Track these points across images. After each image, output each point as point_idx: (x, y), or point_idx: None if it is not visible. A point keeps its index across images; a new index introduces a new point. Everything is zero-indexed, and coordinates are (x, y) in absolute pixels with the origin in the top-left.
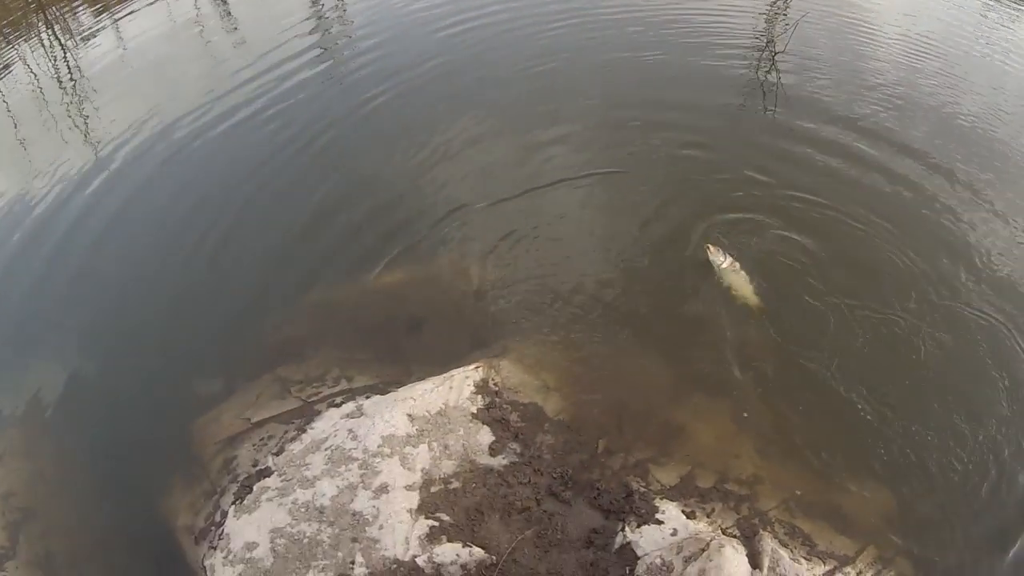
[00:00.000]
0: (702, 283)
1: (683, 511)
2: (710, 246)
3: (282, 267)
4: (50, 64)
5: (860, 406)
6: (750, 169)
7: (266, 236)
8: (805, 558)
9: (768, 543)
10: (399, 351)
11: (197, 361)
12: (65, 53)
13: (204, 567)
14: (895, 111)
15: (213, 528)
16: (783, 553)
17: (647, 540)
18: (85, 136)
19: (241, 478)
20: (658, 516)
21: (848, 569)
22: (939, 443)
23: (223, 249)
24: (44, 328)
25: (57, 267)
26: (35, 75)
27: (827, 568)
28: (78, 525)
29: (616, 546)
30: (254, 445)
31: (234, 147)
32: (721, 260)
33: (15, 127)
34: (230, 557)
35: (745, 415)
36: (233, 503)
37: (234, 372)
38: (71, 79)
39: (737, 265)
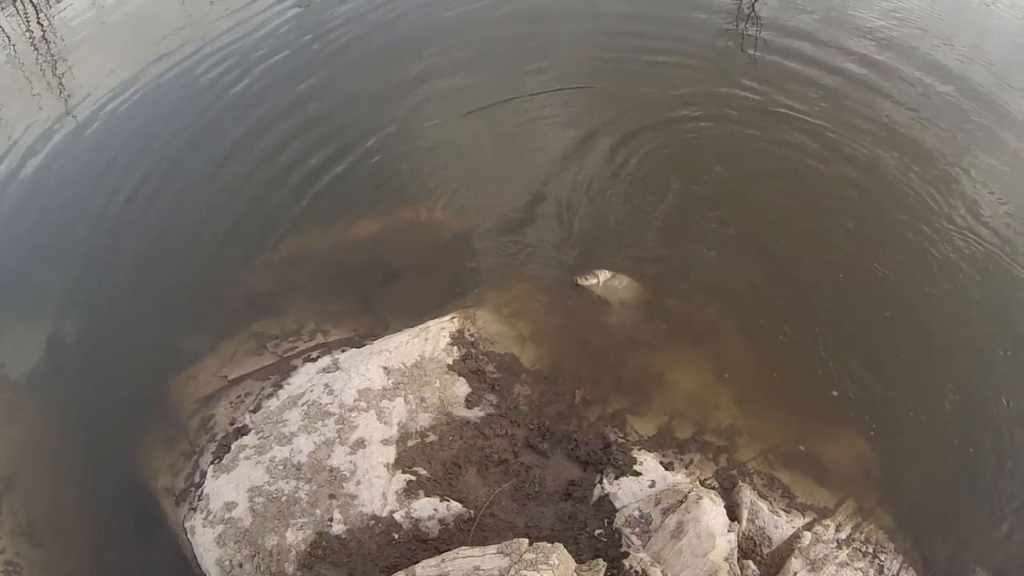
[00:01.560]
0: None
1: (661, 462)
2: (577, 279)
3: (253, 218)
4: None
5: (840, 358)
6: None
7: (235, 186)
8: (784, 510)
9: (747, 495)
10: (374, 302)
11: (172, 319)
12: (37, 12)
13: (185, 529)
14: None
15: (193, 489)
16: (762, 505)
17: (625, 492)
18: (57, 93)
19: (219, 437)
20: (636, 467)
21: (827, 521)
22: (919, 396)
23: (193, 202)
24: (16, 290)
25: (27, 227)
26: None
27: (806, 520)
28: (60, 492)
29: (594, 498)
30: (231, 403)
31: (199, 99)
32: (594, 280)
33: None
34: (210, 518)
35: (726, 376)
36: (212, 463)
37: (210, 329)
38: (44, 37)
39: (606, 275)
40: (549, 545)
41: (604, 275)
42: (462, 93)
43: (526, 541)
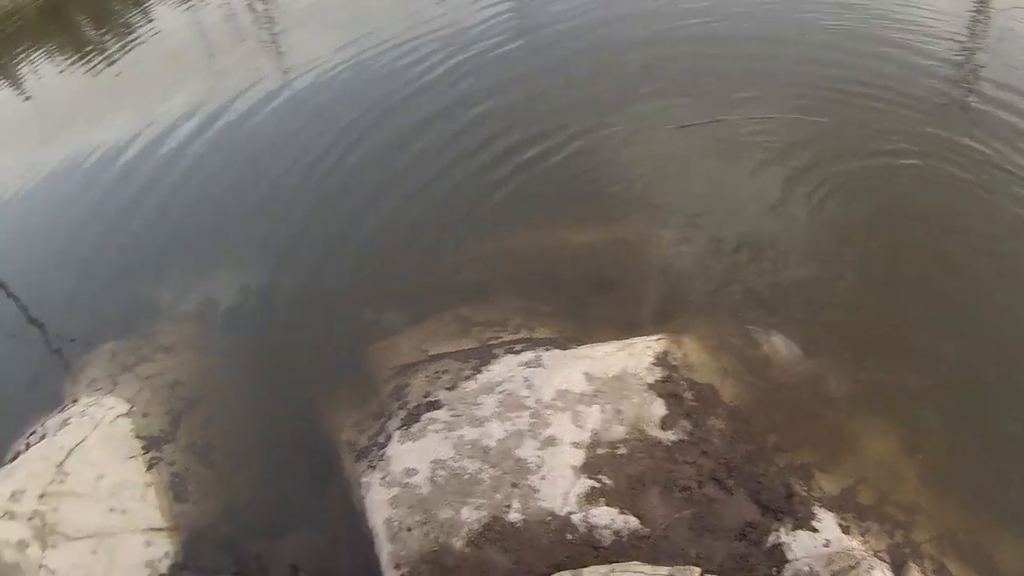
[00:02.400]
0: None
1: (839, 524)
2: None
3: (473, 208)
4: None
5: None
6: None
7: (460, 174)
8: None
9: None
10: (583, 310)
11: (376, 288)
12: None
13: (360, 483)
14: None
15: (375, 449)
16: None
17: (799, 545)
18: (275, 60)
19: (410, 406)
20: (814, 523)
21: None
22: None
23: (404, 180)
24: (227, 235)
25: (250, 181)
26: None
27: None
28: (240, 423)
29: (768, 544)
30: (428, 377)
31: (411, 78)
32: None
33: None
34: (388, 479)
35: (918, 451)
36: (399, 428)
37: (414, 304)
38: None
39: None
40: None
41: (779, 340)
42: (670, 109)
43: (698, 570)
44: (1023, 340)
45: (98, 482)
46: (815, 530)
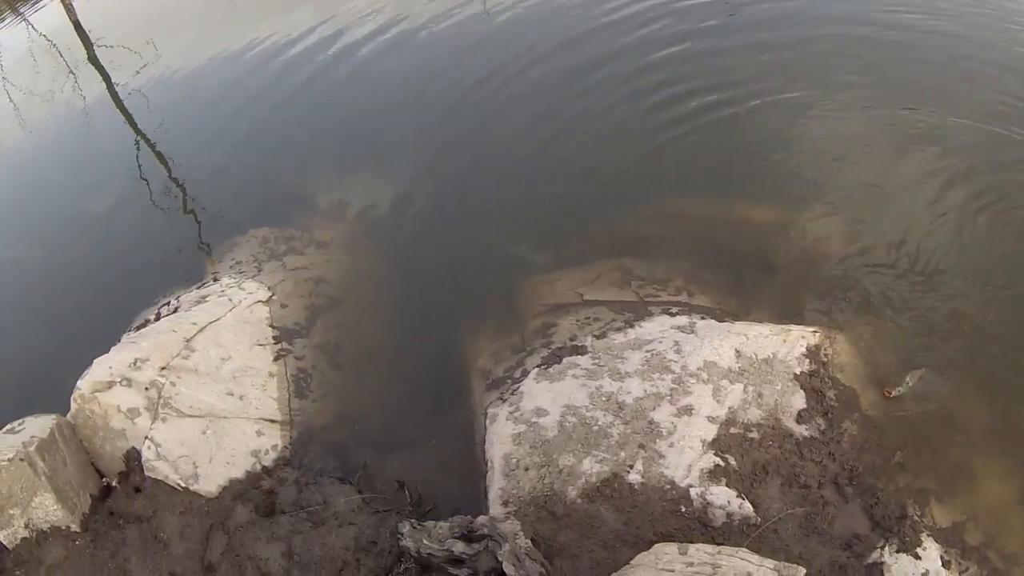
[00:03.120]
0: None
1: (942, 556)
2: (886, 390)
3: (652, 165)
4: None
5: None
6: None
7: (634, 114)
8: None
9: None
10: (745, 286)
11: (547, 223)
12: None
13: (486, 413)
14: None
15: (509, 382)
16: None
17: (899, 569)
18: None
19: (554, 346)
20: (918, 551)
21: None
22: None
23: (603, 128)
24: (393, 146)
25: (415, 92)
26: None
27: None
28: (376, 332)
29: (869, 560)
30: (578, 321)
31: (618, 19)
32: (901, 389)
33: None
34: (516, 414)
35: None
36: (538, 366)
37: (579, 248)
38: None
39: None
40: None
41: (914, 377)
42: (858, 89)
43: (803, 571)
44: None
45: (222, 363)
46: (918, 557)
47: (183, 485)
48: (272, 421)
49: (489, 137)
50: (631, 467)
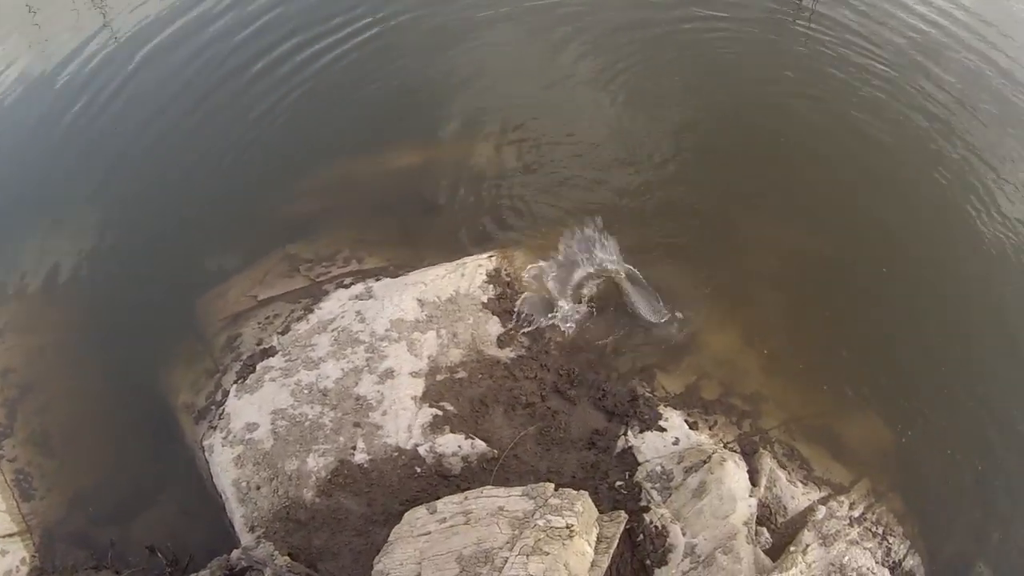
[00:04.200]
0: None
1: (686, 421)
2: None
3: (294, 140)
4: None
5: (874, 341)
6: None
7: (280, 108)
8: (801, 482)
9: (767, 462)
10: (412, 234)
11: (203, 237)
12: None
13: (203, 447)
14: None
15: (214, 407)
16: (780, 474)
17: (649, 446)
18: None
19: (244, 357)
20: (661, 423)
21: (842, 498)
22: (944, 390)
23: (238, 121)
24: (50, 196)
25: (71, 135)
26: None
27: (822, 494)
28: (77, 402)
29: (617, 449)
30: (259, 323)
31: (261, 23)
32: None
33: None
34: (230, 438)
35: (758, 342)
36: (235, 382)
37: (243, 248)
38: None
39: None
40: (575, 492)
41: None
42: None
43: (551, 486)
44: (849, 238)
45: None
46: (663, 429)
47: None
48: (11, 535)
49: (138, 164)
50: (354, 449)
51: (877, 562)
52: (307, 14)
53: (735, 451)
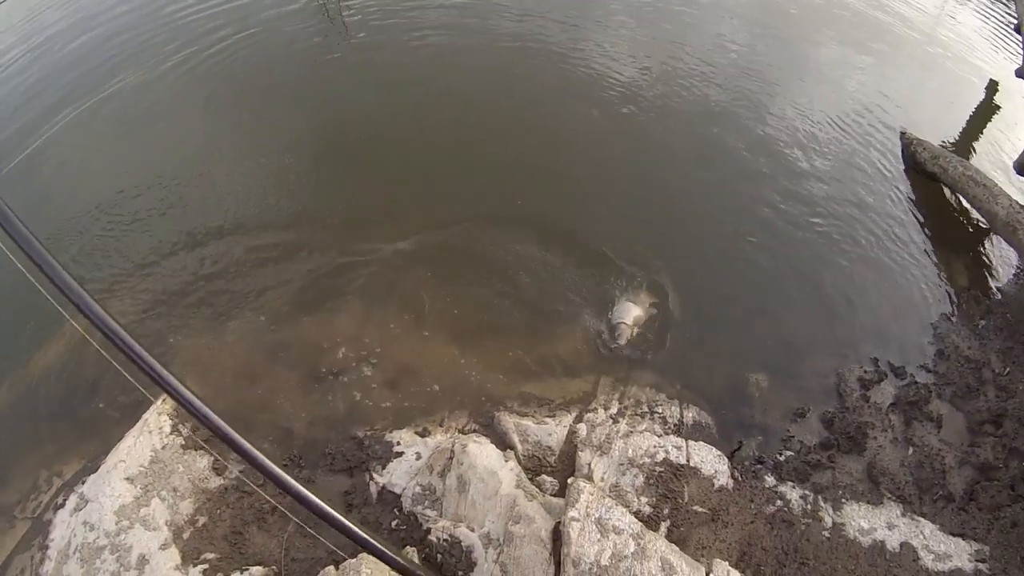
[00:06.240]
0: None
1: (416, 433)
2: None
3: None
4: None
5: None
6: None
7: None
8: (549, 417)
9: (507, 421)
10: (85, 421)
11: None
12: None
13: None
14: None
15: None
16: (527, 423)
17: (398, 476)
18: None
19: None
20: (396, 449)
21: (594, 405)
22: None
23: None
24: None
25: None
26: None
27: (574, 415)
28: None
29: (374, 497)
30: None
31: None
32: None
33: None
34: None
35: (426, 330)
36: None
37: None
38: None
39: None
40: (353, 561)
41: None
42: None
43: (331, 568)
44: None
45: None
46: (400, 454)
47: None
48: None
49: None
50: None
51: (659, 435)
52: None
53: (473, 431)
